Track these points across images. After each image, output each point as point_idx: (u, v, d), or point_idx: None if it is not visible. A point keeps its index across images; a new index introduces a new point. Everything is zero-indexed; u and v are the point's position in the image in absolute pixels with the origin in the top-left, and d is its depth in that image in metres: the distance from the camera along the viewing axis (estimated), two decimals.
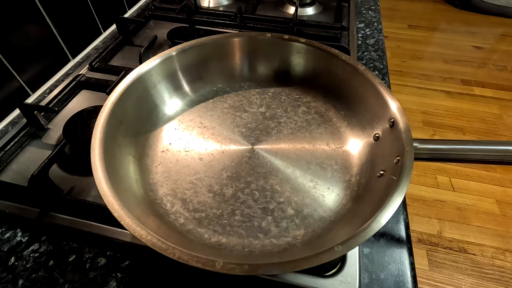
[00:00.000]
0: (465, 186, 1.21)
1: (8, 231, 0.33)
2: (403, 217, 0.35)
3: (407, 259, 0.32)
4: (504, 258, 1.01)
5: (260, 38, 0.43)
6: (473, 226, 1.09)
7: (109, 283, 0.30)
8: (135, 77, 0.36)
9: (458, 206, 1.15)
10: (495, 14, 2.14)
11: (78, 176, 0.37)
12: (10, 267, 0.31)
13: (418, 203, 1.16)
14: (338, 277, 0.29)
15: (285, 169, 0.36)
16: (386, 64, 0.57)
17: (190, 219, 0.32)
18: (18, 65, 0.46)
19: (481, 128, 1.44)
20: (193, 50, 0.42)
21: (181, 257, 0.22)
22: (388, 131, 0.33)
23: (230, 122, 0.41)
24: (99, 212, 0.32)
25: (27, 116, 0.41)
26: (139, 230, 0.23)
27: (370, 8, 0.74)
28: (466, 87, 1.65)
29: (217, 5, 0.73)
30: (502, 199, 1.17)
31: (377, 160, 0.34)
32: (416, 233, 1.07)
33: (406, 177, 0.26)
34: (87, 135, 0.38)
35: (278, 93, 0.45)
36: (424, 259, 1.01)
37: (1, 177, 0.37)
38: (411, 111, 1.51)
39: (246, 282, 0.30)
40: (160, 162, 0.37)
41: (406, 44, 1.95)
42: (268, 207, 0.33)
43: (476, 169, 1.25)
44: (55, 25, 0.50)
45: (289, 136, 0.40)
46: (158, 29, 0.63)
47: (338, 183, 0.35)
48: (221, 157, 0.37)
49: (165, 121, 0.41)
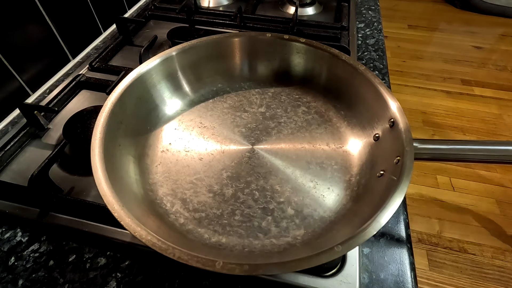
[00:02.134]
0: (465, 186, 1.21)
1: (8, 231, 0.33)
2: (403, 217, 0.35)
3: (407, 259, 0.32)
4: (504, 258, 1.01)
5: (260, 38, 0.43)
6: (473, 226, 1.09)
7: (109, 283, 0.30)
8: (135, 77, 0.36)
9: (458, 206, 1.15)
10: (495, 14, 2.14)
11: (78, 176, 0.37)
12: (10, 267, 0.31)
13: (418, 203, 1.16)
14: (338, 277, 0.29)
15: (285, 169, 0.36)
16: (386, 64, 0.57)
17: (190, 219, 0.32)
18: (18, 65, 0.46)
19: (481, 128, 1.44)
20: (193, 50, 0.42)
21: (181, 257, 0.22)
22: (388, 131, 0.33)
23: (230, 122, 0.41)
24: (99, 212, 0.32)
25: (27, 116, 0.41)
26: (139, 230, 0.23)
27: (370, 8, 0.74)
28: (466, 87, 1.65)
29: (217, 5, 0.73)
30: (502, 199, 1.17)
31: (377, 160, 0.34)
32: (416, 233, 1.07)
33: (406, 177, 0.26)
34: (87, 135, 0.38)
35: (278, 93, 0.45)
36: (424, 259, 1.01)
37: (1, 177, 0.37)
38: (411, 111, 1.51)
39: (246, 282, 0.30)
40: (160, 162, 0.37)
41: (406, 44, 1.95)
42: (268, 207, 0.33)
43: (476, 169, 1.25)
44: (55, 25, 0.50)
45: (289, 136, 0.40)
46: (158, 29, 0.63)
47: (338, 183, 0.35)
48: (221, 157, 0.37)
49: (165, 121, 0.41)
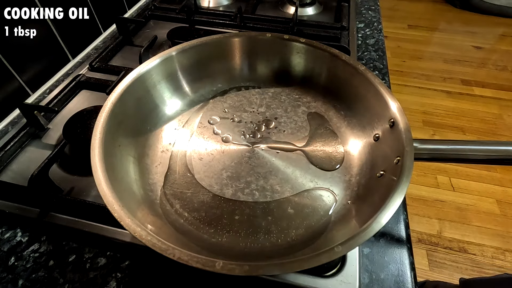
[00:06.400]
0: (465, 186, 1.21)
1: (8, 231, 0.33)
2: (403, 217, 0.35)
3: (407, 259, 0.32)
4: (504, 258, 1.01)
5: (260, 38, 0.43)
6: (473, 226, 1.09)
7: (109, 283, 0.30)
8: (135, 77, 0.36)
9: (458, 206, 1.15)
10: (495, 14, 2.14)
11: (78, 176, 0.37)
12: (10, 267, 0.31)
13: (418, 203, 1.16)
14: (338, 277, 0.29)
15: (285, 169, 0.36)
16: (386, 64, 0.57)
17: (190, 219, 0.32)
18: (18, 65, 0.45)
19: (481, 128, 1.44)
20: (193, 50, 0.42)
21: (181, 257, 0.22)
22: (388, 131, 0.33)
23: (230, 122, 0.41)
24: (99, 212, 0.32)
25: (27, 116, 0.41)
26: (139, 231, 0.23)
27: (370, 8, 0.74)
28: (466, 87, 1.65)
29: (217, 5, 0.73)
30: (502, 199, 1.17)
31: (377, 160, 0.34)
32: (416, 233, 1.07)
33: (406, 177, 0.26)
34: (87, 135, 0.38)
35: (278, 93, 0.45)
36: (424, 259, 1.01)
37: (1, 177, 0.37)
38: (411, 111, 1.51)
39: (246, 282, 0.30)
40: (160, 162, 0.37)
41: (406, 44, 1.95)
42: (268, 207, 0.33)
43: (476, 169, 1.25)
44: (55, 25, 0.50)
45: (289, 136, 0.40)
46: (158, 29, 0.63)
47: (338, 183, 0.35)
48: (221, 157, 0.37)
49: (165, 121, 0.41)
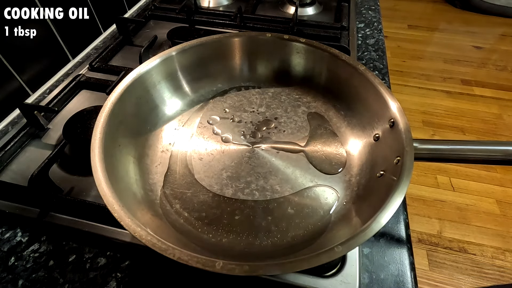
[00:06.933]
0: (465, 186, 1.21)
1: (8, 231, 0.33)
2: (403, 217, 0.35)
3: (407, 259, 0.32)
4: (504, 258, 1.01)
5: (260, 38, 0.43)
6: (473, 226, 1.09)
7: (109, 283, 0.30)
8: (135, 77, 0.36)
9: (458, 206, 1.15)
10: (495, 14, 2.14)
11: (78, 176, 0.37)
12: (10, 267, 0.31)
13: (418, 203, 1.16)
14: (338, 277, 0.29)
15: (285, 169, 0.36)
16: (386, 64, 0.57)
17: (190, 219, 0.32)
18: (18, 65, 0.45)
19: (481, 128, 1.44)
20: (193, 50, 0.42)
21: (181, 257, 0.22)
22: (388, 131, 0.33)
23: (230, 122, 0.41)
24: (99, 212, 0.32)
25: (27, 116, 0.41)
26: (139, 231, 0.23)
27: (370, 8, 0.74)
28: (466, 87, 1.65)
29: (217, 5, 0.73)
30: (502, 199, 1.17)
31: (377, 160, 0.34)
32: (416, 233, 1.07)
33: (406, 177, 0.26)
34: (87, 135, 0.38)
35: (278, 93, 0.45)
36: (424, 259, 1.01)
37: (1, 177, 0.37)
38: (411, 111, 1.51)
39: (246, 282, 0.30)
40: (160, 162, 0.37)
41: (406, 44, 1.95)
42: (268, 207, 0.33)
43: (476, 169, 1.25)
44: (55, 25, 0.50)
45: (289, 136, 0.40)
46: (158, 29, 0.63)
47: (338, 183, 0.35)
48: (221, 157, 0.37)
49: (165, 121, 0.41)
